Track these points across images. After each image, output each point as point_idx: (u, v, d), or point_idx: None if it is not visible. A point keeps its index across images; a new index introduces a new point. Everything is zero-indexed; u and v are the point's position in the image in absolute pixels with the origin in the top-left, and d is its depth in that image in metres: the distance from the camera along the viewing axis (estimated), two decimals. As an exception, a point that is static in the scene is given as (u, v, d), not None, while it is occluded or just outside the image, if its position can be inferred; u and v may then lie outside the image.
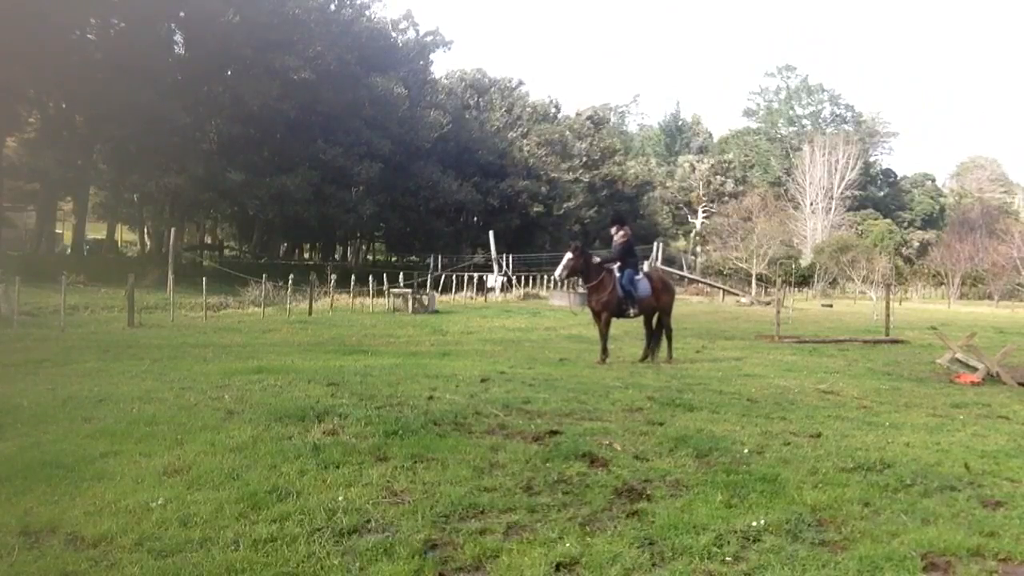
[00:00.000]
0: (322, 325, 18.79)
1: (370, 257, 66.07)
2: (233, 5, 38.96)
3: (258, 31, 39.50)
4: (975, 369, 11.21)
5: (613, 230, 12.75)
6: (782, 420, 7.08)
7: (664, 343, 12.69)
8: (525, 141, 63.21)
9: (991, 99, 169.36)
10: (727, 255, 61.85)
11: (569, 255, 12.22)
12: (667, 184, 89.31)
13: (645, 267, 35.00)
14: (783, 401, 8.26)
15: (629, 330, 15.51)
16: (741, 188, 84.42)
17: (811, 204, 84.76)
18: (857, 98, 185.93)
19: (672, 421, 6.79)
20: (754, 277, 59.15)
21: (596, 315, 12.29)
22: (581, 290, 13.30)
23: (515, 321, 22.31)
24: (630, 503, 4.47)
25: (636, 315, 12.45)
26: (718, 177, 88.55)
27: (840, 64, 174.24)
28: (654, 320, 12.67)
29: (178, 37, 42.15)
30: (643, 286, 12.39)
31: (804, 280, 66.91)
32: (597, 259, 12.43)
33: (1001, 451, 6.04)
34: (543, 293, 40.39)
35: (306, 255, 63.76)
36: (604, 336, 12.15)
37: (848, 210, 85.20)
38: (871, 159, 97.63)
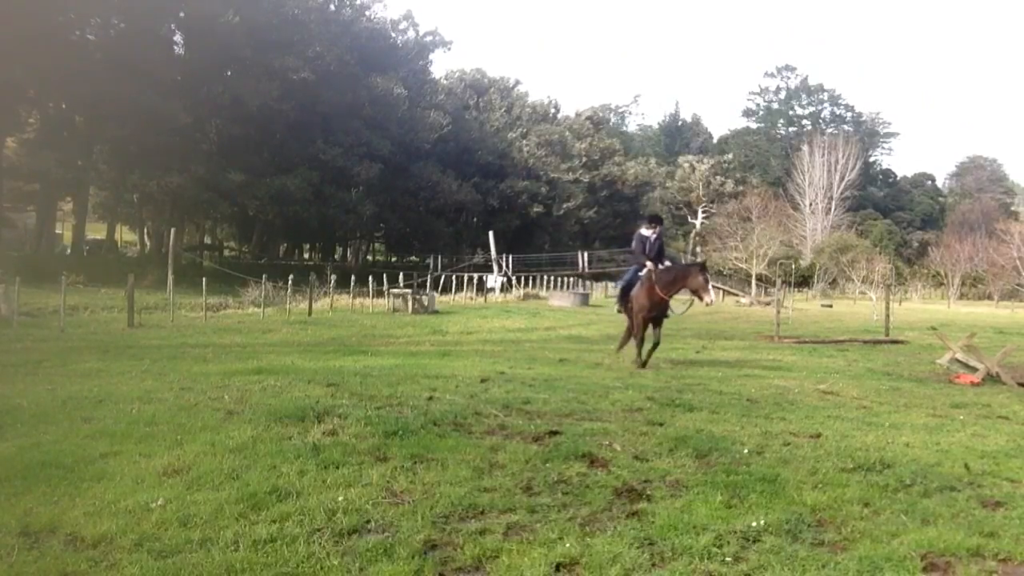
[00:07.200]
0: (322, 325, 18.77)
1: (370, 257, 66.07)
2: (233, 5, 38.94)
3: (258, 31, 39.51)
4: (975, 369, 11.20)
5: (652, 230, 12.10)
6: (782, 420, 7.06)
7: (649, 346, 12.43)
8: (525, 141, 63.19)
9: (991, 99, 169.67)
10: (727, 255, 61.84)
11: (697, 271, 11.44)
12: (667, 184, 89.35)
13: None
14: (783, 401, 8.24)
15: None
16: (741, 188, 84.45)
17: (811, 204, 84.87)
18: (857, 98, 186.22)
19: (672, 421, 6.78)
20: (754, 277, 59.14)
21: (642, 319, 11.60)
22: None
23: (515, 321, 22.31)
24: (630, 503, 4.47)
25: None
26: (718, 177, 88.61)
27: (840, 64, 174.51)
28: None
29: (178, 37, 42.14)
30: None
31: (804, 280, 66.98)
32: (664, 265, 11.87)
33: (1001, 451, 6.04)
34: (543, 293, 40.41)
35: (306, 255, 63.78)
36: (640, 340, 11.64)
37: (848, 210, 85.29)
38: (871, 159, 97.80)
